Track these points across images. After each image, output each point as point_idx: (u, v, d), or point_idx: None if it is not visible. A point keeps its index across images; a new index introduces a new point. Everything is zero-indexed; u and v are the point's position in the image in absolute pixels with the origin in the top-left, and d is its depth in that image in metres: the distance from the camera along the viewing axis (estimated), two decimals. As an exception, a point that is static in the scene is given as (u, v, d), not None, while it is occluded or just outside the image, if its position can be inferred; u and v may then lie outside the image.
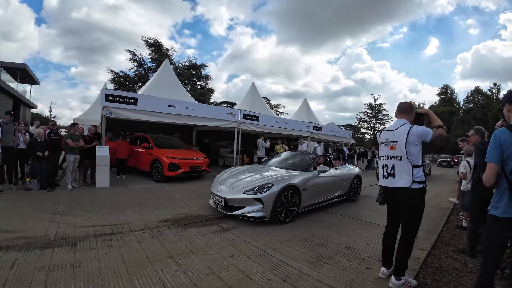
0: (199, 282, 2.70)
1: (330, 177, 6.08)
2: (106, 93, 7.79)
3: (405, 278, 2.73)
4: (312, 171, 5.69)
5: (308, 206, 5.44)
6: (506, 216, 1.99)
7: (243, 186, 4.96)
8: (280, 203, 4.72)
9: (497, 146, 2.02)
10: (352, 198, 6.97)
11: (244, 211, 4.64)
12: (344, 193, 6.63)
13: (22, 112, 26.78)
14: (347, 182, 6.68)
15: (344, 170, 6.85)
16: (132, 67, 27.55)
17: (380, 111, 60.36)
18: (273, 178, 5.08)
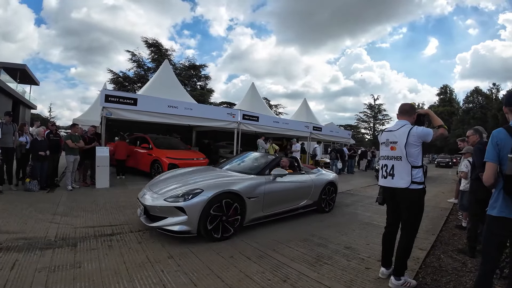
0: (200, 282, 2.71)
1: (291, 183, 5.07)
2: (106, 93, 7.81)
3: (405, 278, 2.74)
4: (266, 175, 4.72)
5: (261, 218, 4.51)
6: (501, 215, 2.02)
7: (169, 191, 4.04)
8: (212, 215, 3.77)
9: (494, 146, 2.06)
10: (323, 209, 5.81)
11: (164, 222, 3.70)
12: (312, 202, 5.53)
13: (21, 113, 26.76)
14: (316, 190, 5.55)
15: (313, 175, 5.74)
16: (131, 68, 27.61)
17: (380, 111, 60.39)
18: (207, 182, 4.15)
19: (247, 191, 4.22)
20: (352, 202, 7.19)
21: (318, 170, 6.22)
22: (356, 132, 57.77)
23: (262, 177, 4.63)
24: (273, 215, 4.74)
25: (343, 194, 8.47)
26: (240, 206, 4.09)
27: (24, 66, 26.85)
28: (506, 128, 2.06)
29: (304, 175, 5.62)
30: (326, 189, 5.84)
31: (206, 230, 3.71)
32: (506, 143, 2.00)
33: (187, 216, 3.61)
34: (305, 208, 5.45)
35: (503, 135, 2.04)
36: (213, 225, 3.78)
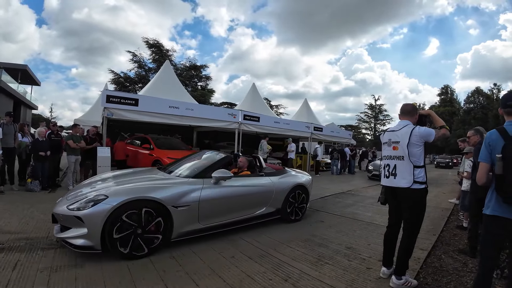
0: (201, 282, 2.72)
1: (242, 188, 4.31)
2: (107, 94, 7.81)
3: (406, 278, 2.75)
4: (207, 178, 3.96)
5: (198, 231, 3.73)
6: (494, 214, 2.08)
7: (77, 196, 3.40)
8: (121, 227, 3.06)
9: (487, 146, 2.14)
10: (289, 217, 4.94)
11: (67, 234, 3.07)
12: (274, 210, 4.73)
13: (22, 113, 26.82)
14: (278, 195, 4.74)
15: (275, 178, 4.88)
16: (132, 68, 27.61)
17: (381, 112, 60.47)
18: (118, 187, 3.53)
19: (173, 198, 3.45)
20: (353, 202, 7.19)
21: (285, 172, 5.34)
22: (357, 132, 57.75)
23: (198, 181, 3.87)
24: (218, 227, 3.97)
25: (344, 194, 8.48)
26: (163, 217, 3.35)
27: (25, 67, 26.89)
28: (499, 129, 2.12)
29: (262, 177, 4.76)
30: (293, 194, 5.00)
31: (115, 245, 3.02)
32: (497, 143, 2.07)
33: (87, 229, 2.96)
34: (265, 218, 4.63)
35: (495, 136, 2.11)
36: (121, 237, 3.06)
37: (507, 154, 1.98)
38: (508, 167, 1.96)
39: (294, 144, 11.93)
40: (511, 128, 2.08)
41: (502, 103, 2.23)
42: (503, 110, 2.20)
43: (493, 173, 2.09)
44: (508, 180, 1.95)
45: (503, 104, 2.21)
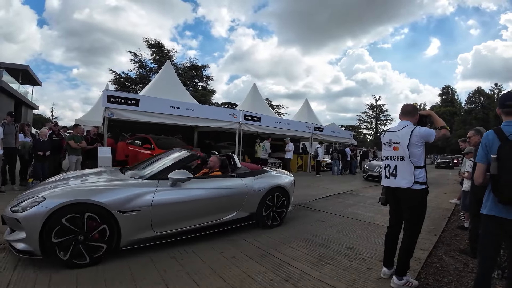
0: (202, 282, 2.72)
1: (208, 191, 3.88)
2: (108, 94, 7.85)
3: (407, 278, 2.74)
4: (163, 179, 3.53)
5: (153, 239, 3.34)
6: (490, 213, 2.08)
7: (24, 196, 3.15)
8: (61, 231, 2.77)
9: (483, 147, 2.16)
10: (266, 223, 4.51)
11: (11, 237, 2.87)
12: (248, 215, 4.31)
13: (23, 113, 26.88)
14: (252, 198, 4.31)
15: (248, 179, 4.42)
16: (133, 68, 27.64)
17: (382, 112, 60.43)
18: (59, 189, 3.18)
19: (120, 202, 3.08)
20: (354, 202, 7.19)
21: (262, 172, 4.85)
22: (358, 132, 57.73)
23: (151, 183, 3.46)
24: (178, 234, 3.55)
25: (345, 194, 8.48)
26: (108, 224, 3.00)
27: (27, 67, 26.98)
28: (495, 129, 2.13)
29: (233, 179, 4.31)
30: (271, 197, 4.57)
31: (53, 250, 2.75)
32: (493, 144, 2.08)
33: (25, 232, 2.73)
34: (237, 223, 4.20)
35: (491, 136, 2.12)
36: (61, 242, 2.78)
37: (502, 155, 1.98)
38: (503, 167, 1.96)
39: (292, 143, 11.92)
40: (508, 129, 2.08)
41: (500, 103, 2.23)
42: (501, 110, 2.21)
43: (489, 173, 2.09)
44: (503, 181, 1.96)
45: (501, 104, 2.21)
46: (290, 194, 4.97)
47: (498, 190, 1.99)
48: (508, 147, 1.99)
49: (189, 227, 3.65)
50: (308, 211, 6.01)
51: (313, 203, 6.80)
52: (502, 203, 1.98)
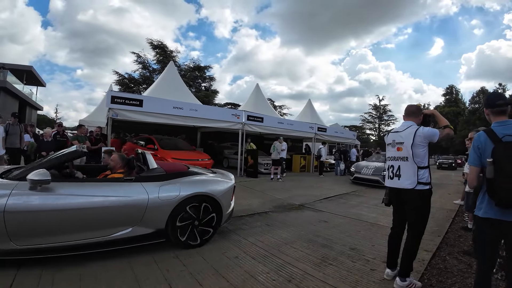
0: (205, 282, 2.72)
1: (86, 198, 2.97)
2: (112, 95, 7.90)
3: (410, 280, 2.73)
4: (22, 180, 2.81)
5: (12, 253, 2.70)
6: (486, 216, 2.06)
7: None
8: None
9: (475, 149, 2.12)
10: (181, 241, 3.45)
11: None
12: (152, 231, 3.31)
13: (28, 114, 27.05)
14: (157, 211, 3.29)
15: (155, 184, 3.39)
16: (137, 69, 27.79)
17: (385, 112, 60.11)
18: None
19: None
20: (357, 203, 7.17)
21: (179, 175, 3.76)
22: (361, 133, 57.54)
23: (7, 184, 2.81)
24: (47, 251, 2.83)
25: (348, 195, 8.45)
26: None
27: (31, 68, 27.16)
28: (487, 131, 2.09)
29: (130, 184, 3.31)
30: (195, 208, 3.58)
31: None
32: (486, 147, 2.04)
33: None
34: (137, 242, 3.24)
35: (483, 138, 2.08)
36: None
37: (498, 157, 1.93)
38: (499, 171, 1.92)
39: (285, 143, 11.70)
40: (499, 130, 2.04)
41: (489, 103, 2.18)
42: (491, 110, 2.16)
43: (484, 176, 2.05)
44: (500, 184, 1.91)
45: (491, 104, 2.16)
46: (223, 205, 3.82)
47: (496, 194, 1.94)
48: (503, 149, 1.94)
49: (63, 243, 2.87)
50: (311, 211, 6.00)
51: (316, 204, 6.79)
52: (499, 207, 1.95)
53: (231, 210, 4.14)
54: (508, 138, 1.97)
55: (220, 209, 3.80)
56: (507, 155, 1.92)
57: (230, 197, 4.10)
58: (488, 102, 2.20)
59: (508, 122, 2.07)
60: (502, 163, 1.91)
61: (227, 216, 4.02)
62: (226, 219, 4.02)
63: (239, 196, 7.09)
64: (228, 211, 4.04)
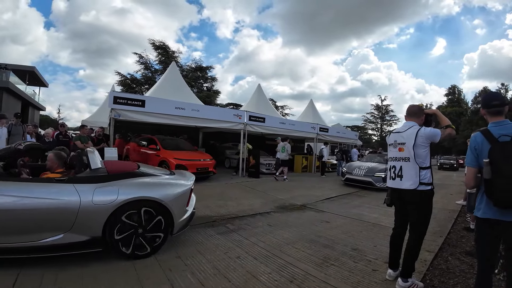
0: (207, 282, 2.73)
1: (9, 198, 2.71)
2: (114, 95, 7.93)
3: (412, 280, 2.73)
4: None
5: None
6: (485, 216, 2.06)
7: None
8: None
9: (472, 150, 2.12)
10: (121, 251, 3.08)
11: None
12: (87, 239, 2.96)
13: (30, 114, 27.19)
14: (92, 216, 2.94)
15: (89, 187, 3.02)
16: (139, 70, 27.83)
17: (387, 112, 60.04)
18: None
19: None
20: (359, 203, 7.16)
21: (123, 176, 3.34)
22: (364, 133, 57.45)
23: None
24: None
25: (350, 195, 8.44)
26: None
27: (33, 68, 27.33)
28: (483, 131, 2.09)
29: (59, 185, 2.97)
30: (138, 214, 3.16)
31: None
32: (483, 148, 2.04)
33: None
34: (69, 250, 2.88)
35: (480, 139, 2.08)
36: None
37: (495, 158, 1.93)
38: (496, 171, 1.91)
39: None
40: (496, 130, 2.03)
41: (485, 103, 2.18)
42: (487, 111, 2.16)
43: (481, 176, 2.05)
44: (497, 184, 1.91)
45: (487, 104, 2.16)
46: (174, 211, 3.34)
47: (493, 195, 1.94)
48: (499, 149, 1.94)
49: None
50: (313, 211, 6.00)
51: (318, 204, 6.79)
52: (498, 207, 1.94)
53: (187, 216, 3.62)
54: (504, 138, 1.97)
55: (171, 214, 3.32)
56: (504, 156, 1.91)
57: (185, 202, 3.61)
58: (484, 102, 2.21)
59: (504, 123, 2.06)
60: (499, 164, 1.91)
61: (182, 223, 3.53)
62: (181, 227, 3.53)
63: (241, 196, 7.12)
64: (183, 218, 3.51)
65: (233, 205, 6.18)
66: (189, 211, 3.70)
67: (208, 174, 9.62)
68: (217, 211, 5.47)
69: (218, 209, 5.66)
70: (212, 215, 5.21)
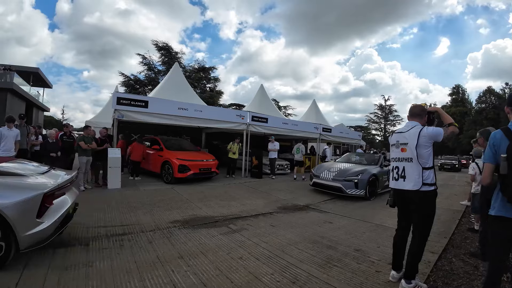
0: (209, 283, 2.73)
1: None
2: (118, 96, 7.96)
3: (415, 282, 2.71)
4: None
5: None
6: (499, 214, 2.06)
7: None
8: None
9: (491, 147, 2.13)
10: None
11: None
12: None
13: (34, 115, 27.34)
14: None
15: None
16: (142, 71, 27.94)
17: (391, 112, 59.79)
18: None
19: None
20: (362, 204, 7.12)
21: None
22: (367, 133, 57.24)
23: None
24: None
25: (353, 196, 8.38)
26: None
27: (37, 70, 27.47)
28: (503, 129, 2.10)
29: None
30: None
31: None
32: (501, 143, 2.05)
33: None
34: None
35: (499, 135, 2.10)
36: None
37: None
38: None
39: (277, 142, 11.51)
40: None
41: (509, 101, 2.20)
42: (510, 108, 2.18)
43: (498, 173, 2.06)
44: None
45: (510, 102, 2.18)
46: (13, 222, 2.63)
47: (508, 190, 1.95)
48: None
49: None
50: (315, 212, 5.99)
51: (320, 205, 6.77)
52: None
53: (43, 229, 2.81)
54: None
55: (11, 227, 2.63)
56: None
57: (34, 211, 2.79)
58: (509, 100, 2.22)
59: None
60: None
61: (34, 238, 2.77)
62: (34, 243, 2.80)
63: (244, 196, 7.12)
64: (32, 231, 2.74)
65: (236, 205, 6.19)
66: (45, 223, 2.85)
67: (211, 174, 9.63)
68: (220, 212, 5.47)
69: (221, 209, 5.66)
70: (214, 215, 5.21)
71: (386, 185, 8.22)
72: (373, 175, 7.75)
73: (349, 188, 7.45)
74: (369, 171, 7.79)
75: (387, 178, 7.59)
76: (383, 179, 8.21)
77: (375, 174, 7.82)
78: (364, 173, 7.62)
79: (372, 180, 7.73)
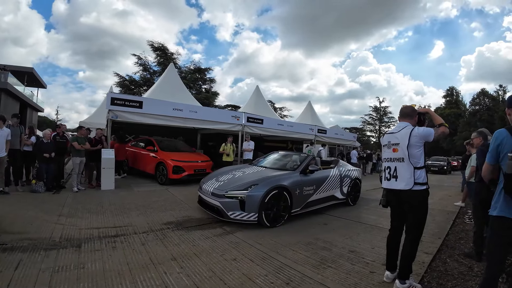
0: (202, 284, 2.70)
1: None
2: (112, 96, 7.88)
3: (410, 282, 2.71)
4: None
5: None
6: (501, 214, 2.04)
7: None
8: None
9: (495, 147, 2.12)
10: None
11: None
12: None
13: (29, 115, 27.05)
14: None
15: None
16: (137, 71, 27.85)
17: (386, 114, 60.05)
18: None
19: None
20: (357, 205, 7.13)
21: None
22: (362, 134, 57.51)
23: None
24: None
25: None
26: None
27: (32, 70, 27.19)
28: (508, 128, 2.09)
29: None
30: None
31: None
32: (507, 142, 2.04)
33: None
34: None
35: (505, 133, 2.09)
36: None
37: None
38: None
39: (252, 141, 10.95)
40: None
41: (509, 103, 2.18)
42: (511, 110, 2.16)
43: (502, 172, 2.05)
44: None
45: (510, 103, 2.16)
46: None
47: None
48: None
49: None
50: (310, 213, 5.97)
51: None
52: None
53: None
54: None
55: None
56: None
57: None
58: (509, 102, 2.20)
59: None
60: None
61: None
62: None
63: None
64: None
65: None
66: None
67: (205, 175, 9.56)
68: (215, 213, 5.43)
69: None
70: (208, 216, 5.17)
71: (313, 200, 5.70)
72: (280, 187, 4.88)
73: (232, 210, 4.62)
74: (273, 180, 4.94)
75: (313, 189, 5.62)
76: (304, 193, 5.40)
77: (284, 187, 4.95)
78: (260, 185, 4.75)
79: (274, 196, 4.78)
